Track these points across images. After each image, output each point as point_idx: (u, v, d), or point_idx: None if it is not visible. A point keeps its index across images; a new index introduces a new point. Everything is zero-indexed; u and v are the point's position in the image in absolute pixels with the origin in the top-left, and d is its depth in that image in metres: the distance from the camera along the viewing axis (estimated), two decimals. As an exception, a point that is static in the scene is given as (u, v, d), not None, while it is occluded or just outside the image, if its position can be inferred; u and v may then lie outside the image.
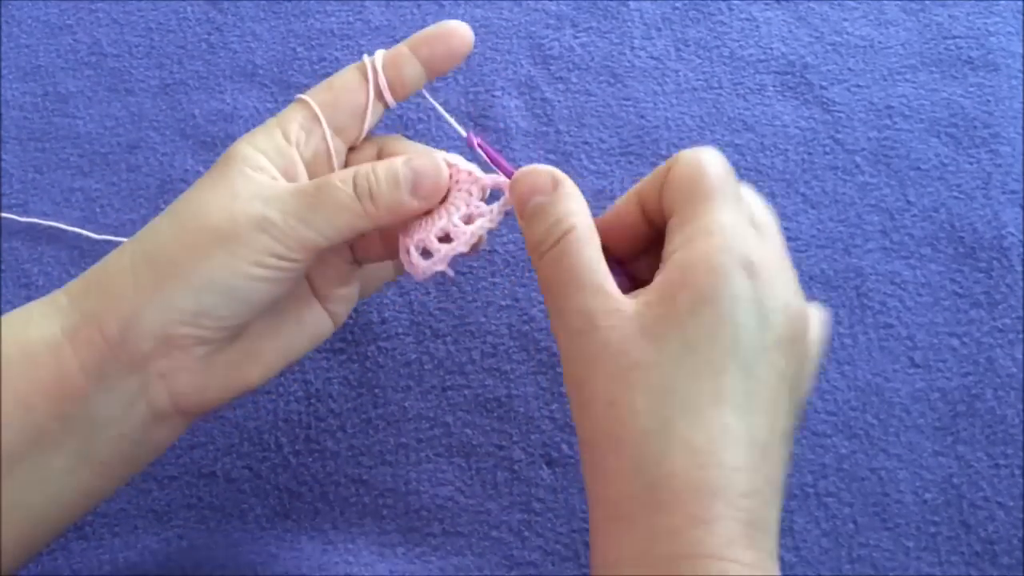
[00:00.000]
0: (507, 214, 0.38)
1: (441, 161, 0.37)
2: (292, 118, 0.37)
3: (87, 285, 0.35)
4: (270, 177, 0.36)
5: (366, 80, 0.38)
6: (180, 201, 0.36)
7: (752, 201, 0.35)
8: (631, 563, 0.31)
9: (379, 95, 0.38)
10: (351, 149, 0.39)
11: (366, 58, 0.39)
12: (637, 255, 0.37)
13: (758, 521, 0.31)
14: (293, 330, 0.39)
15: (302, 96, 0.38)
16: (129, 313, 0.34)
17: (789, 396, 0.33)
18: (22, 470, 0.33)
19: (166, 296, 0.34)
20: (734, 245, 0.32)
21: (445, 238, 0.37)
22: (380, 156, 0.39)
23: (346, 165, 0.39)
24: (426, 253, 0.38)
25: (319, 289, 0.40)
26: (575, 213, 0.34)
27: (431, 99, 0.40)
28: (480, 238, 0.38)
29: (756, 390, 0.32)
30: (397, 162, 0.37)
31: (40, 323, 0.34)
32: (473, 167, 0.38)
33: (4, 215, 0.50)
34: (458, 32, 0.38)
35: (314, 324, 0.40)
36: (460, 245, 0.37)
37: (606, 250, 0.34)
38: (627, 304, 0.32)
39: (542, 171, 0.36)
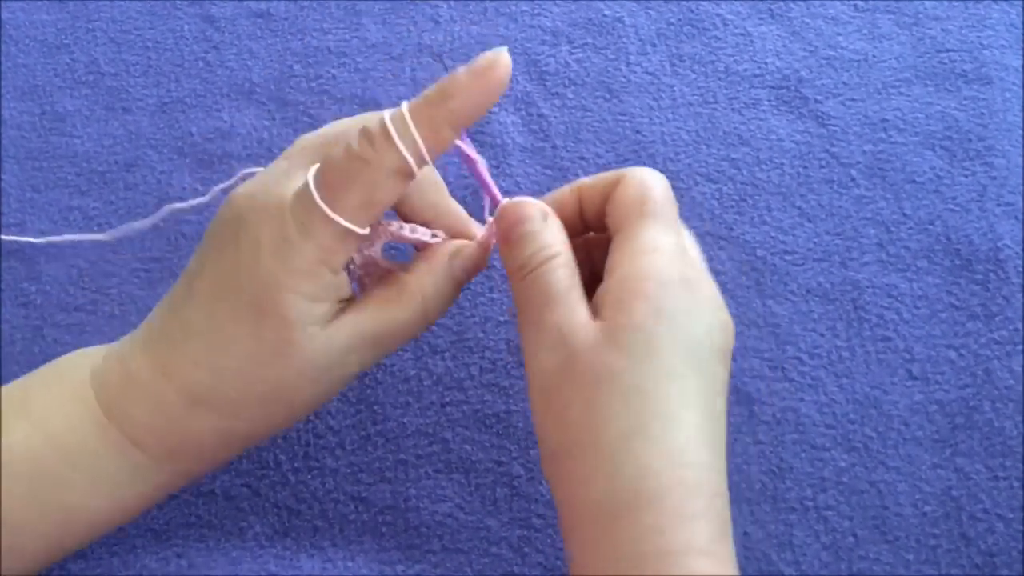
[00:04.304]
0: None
1: (485, 249, 0.39)
2: (333, 248, 0.34)
3: (174, 455, 0.37)
4: (326, 320, 0.35)
5: (407, 176, 0.34)
6: (251, 373, 0.35)
7: (682, 229, 0.38)
8: (620, 562, 0.31)
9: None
10: None
11: (408, 158, 0.33)
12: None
13: (726, 519, 0.33)
14: None
15: (344, 224, 0.33)
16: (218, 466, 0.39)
17: (724, 404, 0.35)
18: None
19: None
20: (675, 262, 0.35)
21: None
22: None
23: None
24: None
25: None
26: (562, 243, 0.36)
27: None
28: None
29: (709, 396, 0.34)
30: (456, 270, 0.38)
31: (133, 482, 0.36)
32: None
33: (5, 237, 0.50)
34: (493, 70, 0.33)
35: None
36: None
37: None
38: (592, 319, 0.34)
39: (533, 203, 0.37)
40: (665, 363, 0.33)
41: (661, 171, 0.50)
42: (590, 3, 0.56)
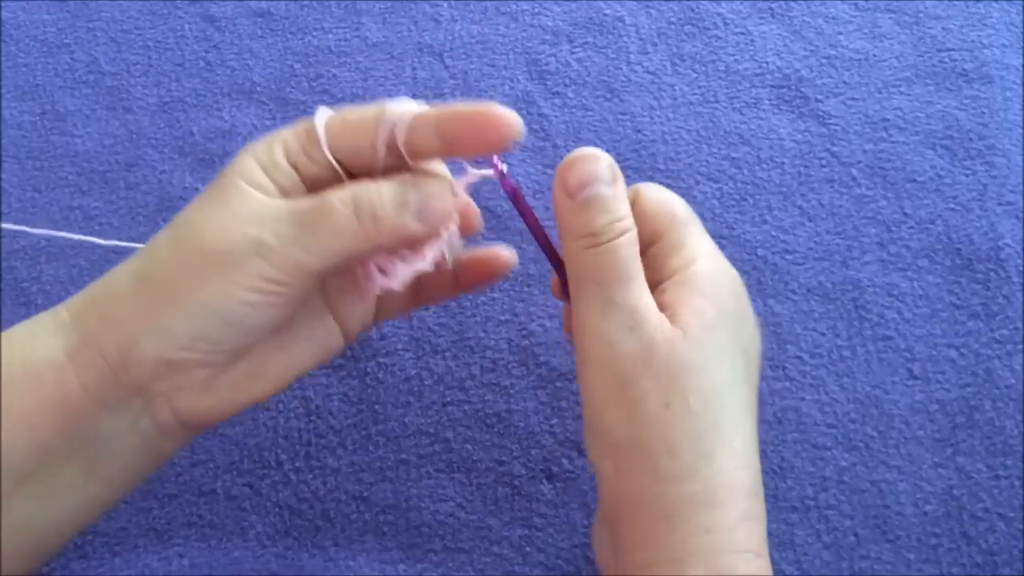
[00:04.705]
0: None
1: (450, 187, 0.35)
2: (296, 135, 0.35)
3: (88, 303, 0.34)
4: (268, 194, 0.34)
5: (371, 128, 0.34)
6: (180, 217, 0.34)
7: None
8: (686, 556, 0.32)
9: (392, 151, 0.34)
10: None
11: (387, 109, 0.34)
12: None
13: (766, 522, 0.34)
14: (303, 346, 0.37)
15: (318, 112, 0.35)
16: (127, 338, 0.33)
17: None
18: (29, 486, 0.33)
19: (163, 321, 0.33)
20: (723, 266, 0.36)
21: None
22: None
23: None
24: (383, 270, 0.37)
25: (334, 303, 0.38)
26: (629, 213, 0.35)
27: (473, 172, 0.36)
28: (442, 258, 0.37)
29: (755, 401, 0.35)
30: (406, 182, 0.34)
31: (44, 341, 0.34)
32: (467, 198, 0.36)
33: (7, 226, 0.50)
34: (494, 124, 0.33)
35: (325, 339, 0.38)
36: (420, 265, 0.36)
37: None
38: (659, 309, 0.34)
39: (602, 159, 0.35)
40: (733, 365, 0.34)
41: (662, 170, 0.51)
42: (591, 2, 0.56)
